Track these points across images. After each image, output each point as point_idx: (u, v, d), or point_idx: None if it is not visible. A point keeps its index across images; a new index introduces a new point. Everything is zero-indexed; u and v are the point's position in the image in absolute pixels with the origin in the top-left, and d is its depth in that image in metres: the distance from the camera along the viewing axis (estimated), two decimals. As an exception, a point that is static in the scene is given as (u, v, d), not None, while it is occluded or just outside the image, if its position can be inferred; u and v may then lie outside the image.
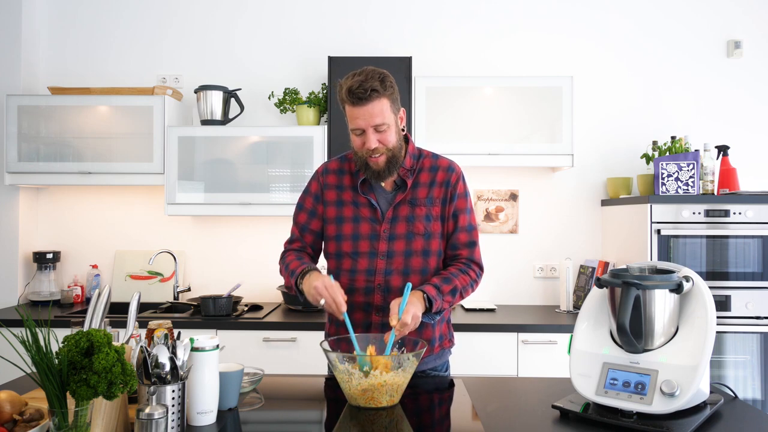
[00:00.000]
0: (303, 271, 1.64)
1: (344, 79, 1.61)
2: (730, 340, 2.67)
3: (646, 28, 3.30)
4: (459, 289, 1.66)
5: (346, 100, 1.60)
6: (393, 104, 1.63)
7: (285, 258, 1.78)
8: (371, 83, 1.56)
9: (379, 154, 1.63)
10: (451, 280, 1.65)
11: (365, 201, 1.71)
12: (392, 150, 1.64)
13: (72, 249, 3.33)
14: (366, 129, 1.60)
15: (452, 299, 1.65)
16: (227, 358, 2.16)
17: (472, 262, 1.73)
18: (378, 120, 1.59)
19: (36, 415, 1.16)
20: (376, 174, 1.66)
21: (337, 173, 1.77)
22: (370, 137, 1.60)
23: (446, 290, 1.62)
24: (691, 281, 1.34)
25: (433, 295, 1.59)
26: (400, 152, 1.68)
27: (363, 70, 1.60)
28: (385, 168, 1.65)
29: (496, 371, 2.66)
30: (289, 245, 1.82)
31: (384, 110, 1.59)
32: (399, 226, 1.69)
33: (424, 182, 1.72)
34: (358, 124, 1.61)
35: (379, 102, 1.58)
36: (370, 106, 1.57)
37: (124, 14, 3.36)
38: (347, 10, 3.33)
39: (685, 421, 1.25)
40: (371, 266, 1.68)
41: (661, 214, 2.69)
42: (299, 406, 1.53)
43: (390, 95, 1.61)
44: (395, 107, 1.64)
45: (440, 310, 1.64)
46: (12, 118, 3.00)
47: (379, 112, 1.58)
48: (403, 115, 1.69)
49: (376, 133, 1.61)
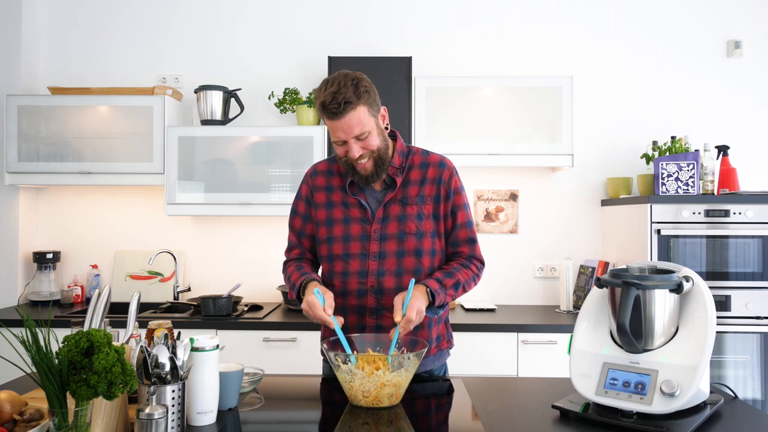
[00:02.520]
0: (302, 284, 1.63)
1: (318, 91, 1.56)
2: (730, 340, 2.67)
3: (646, 28, 3.30)
4: (462, 283, 1.65)
5: (321, 114, 1.56)
6: (371, 108, 1.57)
7: (286, 270, 1.77)
8: (344, 94, 1.51)
9: (366, 159, 1.60)
10: (453, 274, 1.65)
11: (355, 201, 1.69)
12: (377, 152, 1.61)
13: (72, 249, 3.33)
14: (347, 140, 1.57)
15: (455, 293, 1.64)
16: (227, 358, 2.16)
17: (473, 258, 1.73)
18: (357, 130, 1.55)
19: (36, 415, 1.16)
20: (365, 179, 1.64)
21: (326, 174, 1.75)
22: (352, 147, 1.57)
23: (449, 284, 1.62)
24: (691, 281, 1.34)
25: (436, 289, 1.58)
26: (387, 152, 1.65)
27: (334, 79, 1.54)
28: (374, 171, 1.62)
29: (496, 371, 2.66)
30: (288, 254, 1.81)
31: (362, 119, 1.55)
32: (390, 225, 1.66)
33: (415, 180, 1.69)
34: (338, 136, 1.57)
35: (355, 112, 1.53)
36: (347, 118, 1.53)
37: (124, 14, 3.36)
38: (347, 10, 3.33)
39: (685, 421, 1.25)
40: (363, 268, 1.65)
41: (661, 214, 2.69)
42: (299, 406, 1.53)
43: (366, 101, 1.55)
44: (374, 110, 1.59)
45: (443, 304, 1.63)
46: (12, 118, 3.00)
47: (357, 123, 1.54)
48: (385, 113, 1.65)
49: (358, 142, 1.57)
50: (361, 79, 1.57)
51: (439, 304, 1.60)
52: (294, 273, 1.71)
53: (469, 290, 1.71)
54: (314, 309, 1.52)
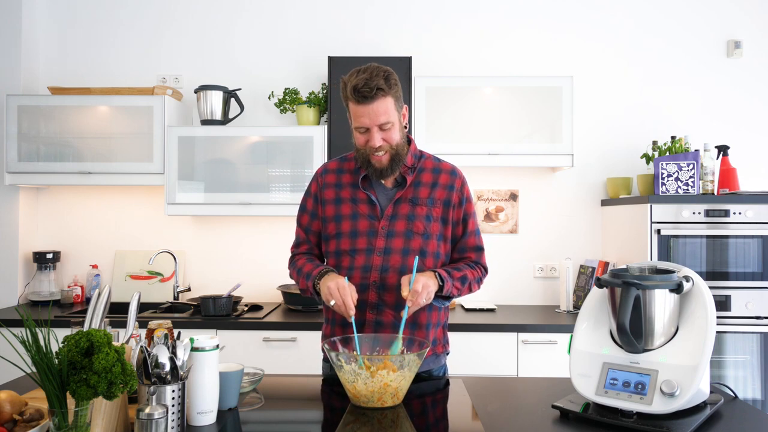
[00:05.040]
0: (321, 273, 1.64)
1: (348, 76, 1.60)
2: (730, 340, 2.67)
3: (646, 28, 3.30)
4: (469, 280, 1.69)
5: (350, 98, 1.58)
6: (397, 102, 1.62)
7: (296, 263, 1.78)
8: (377, 81, 1.55)
9: (383, 152, 1.63)
10: (461, 269, 1.69)
11: (364, 197, 1.70)
12: (396, 148, 1.64)
13: (72, 249, 3.33)
14: (371, 127, 1.60)
15: (461, 287, 1.67)
16: (227, 358, 2.16)
17: (479, 264, 1.76)
18: (383, 119, 1.59)
19: (36, 415, 1.16)
20: (379, 172, 1.66)
21: (336, 173, 1.77)
22: (374, 135, 1.60)
23: (457, 276, 1.66)
24: (691, 281, 1.34)
25: (445, 276, 1.61)
26: (404, 150, 1.67)
27: (367, 67, 1.59)
28: (389, 166, 1.65)
29: (496, 371, 2.66)
30: (296, 249, 1.83)
31: (389, 109, 1.59)
32: (398, 223, 1.68)
33: (427, 182, 1.72)
34: (362, 122, 1.60)
35: (384, 101, 1.57)
36: (376, 105, 1.57)
37: (125, 14, 3.36)
38: (347, 10, 3.33)
39: (685, 421, 1.25)
40: (367, 263, 1.67)
41: (661, 214, 2.69)
42: (299, 406, 1.53)
43: (394, 93, 1.60)
44: (399, 105, 1.64)
45: (449, 296, 1.66)
46: (12, 118, 3.00)
47: (384, 111, 1.58)
48: (406, 113, 1.69)
49: (380, 132, 1.60)
50: (392, 72, 1.61)
51: (446, 294, 1.62)
52: (307, 264, 1.73)
53: (474, 291, 1.74)
54: (343, 291, 1.53)
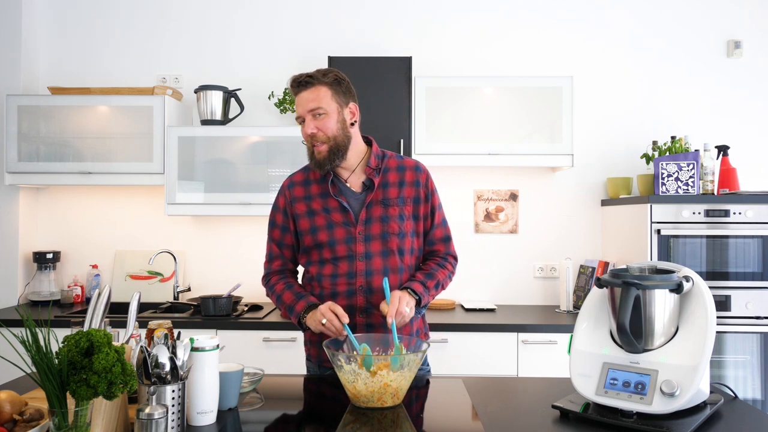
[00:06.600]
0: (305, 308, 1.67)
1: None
2: (730, 340, 2.67)
3: (646, 28, 3.30)
4: (441, 282, 1.77)
5: (290, 90, 1.69)
6: (335, 95, 1.67)
7: (273, 287, 1.80)
8: (314, 74, 1.66)
9: (321, 142, 1.67)
10: (433, 275, 1.75)
11: (336, 205, 1.72)
12: (333, 139, 1.67)
13: (72, 249, 3.33)
14: (304, 116, 1.66)
15: (436, 292, 1.76)
16: (227, 358, 2.16)
17: (448, 255, 1.83)
18: (313, 105, 1.64)
19: (36, 415, 1.16)
20: (318, 163, 1.69)
21: (303, 185, 1.79)
22: (308, 123, 1.66)
23: (431, 285, 1.73)
24: (691, 281, 1.34)
25: (421, 292, 1.68)
26: (344, 143, 1.70)
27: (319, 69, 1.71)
28: (327, 158, 1.68)
29: (496, 371, 2.66)
30: (269, 265, 1.85)
31: (321, 96, 1.64)
32: (373, 227, 1.71)
33: (394, 182, 1.75)
34: (298, 111, 1.68)
35: (316, 89, 1.65)
36: (307, 93, 1.65)
37: (124, 14, 3.36)
38: (347, 10, 3.33)
39: (685, 421, 1.25)
40: (351, 269, 1.70)
41: (661, 214, 2.69)
42: (299, 406, 1.53)
43: (330, 85, 1.66)
44: (339, 98, 1.68)
45: (426, 304, 1.74)
46: (12, 118, 3.00)
47: (314, 98, 1.64)
48: (355, 110, 1.73)
49: (313, 120, 1.66)
50: (338, 72, 1.70)
51: (423, 305, 1.71)
52: (286, 292, 1.75)
53: (446, 287, 1.82)
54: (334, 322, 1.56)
